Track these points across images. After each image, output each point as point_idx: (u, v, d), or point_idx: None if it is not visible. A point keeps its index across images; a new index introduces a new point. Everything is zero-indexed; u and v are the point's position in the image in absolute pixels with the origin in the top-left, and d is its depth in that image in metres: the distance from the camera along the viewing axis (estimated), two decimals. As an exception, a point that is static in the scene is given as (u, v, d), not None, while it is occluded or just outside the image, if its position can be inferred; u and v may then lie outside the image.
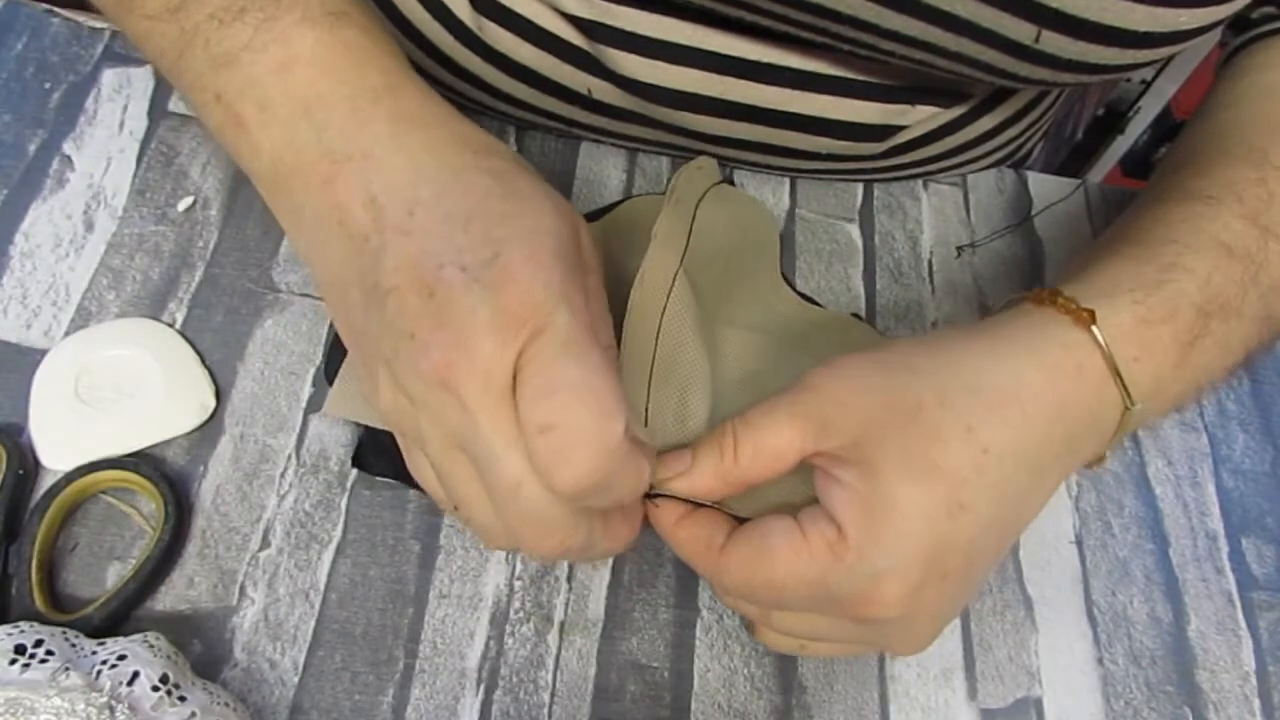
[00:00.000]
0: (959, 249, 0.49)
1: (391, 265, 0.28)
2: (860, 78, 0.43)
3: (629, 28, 0.41)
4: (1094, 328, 0.30)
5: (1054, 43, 0.34)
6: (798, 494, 0.32)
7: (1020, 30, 0.34)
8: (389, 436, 0.33)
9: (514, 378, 0.26)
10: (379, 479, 0.38)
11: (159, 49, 0.33)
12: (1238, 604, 0.41)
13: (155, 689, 0.30)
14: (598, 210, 0.45)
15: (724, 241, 0.42)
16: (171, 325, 0.40)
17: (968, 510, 0.28)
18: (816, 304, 0.45)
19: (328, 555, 0.37)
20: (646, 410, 0.33)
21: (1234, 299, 0.33)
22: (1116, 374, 0.31)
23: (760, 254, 0.45)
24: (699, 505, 0.32)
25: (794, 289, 0.45)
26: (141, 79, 0.47)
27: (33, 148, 0.44)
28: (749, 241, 0.44)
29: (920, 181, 0.51)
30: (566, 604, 0.37)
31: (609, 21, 0.41)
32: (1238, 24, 0.42)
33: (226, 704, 0.32)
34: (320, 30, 0.31)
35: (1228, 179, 0.35)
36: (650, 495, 0.31)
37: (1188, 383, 0.33)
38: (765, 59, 0.42)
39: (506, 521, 0.28)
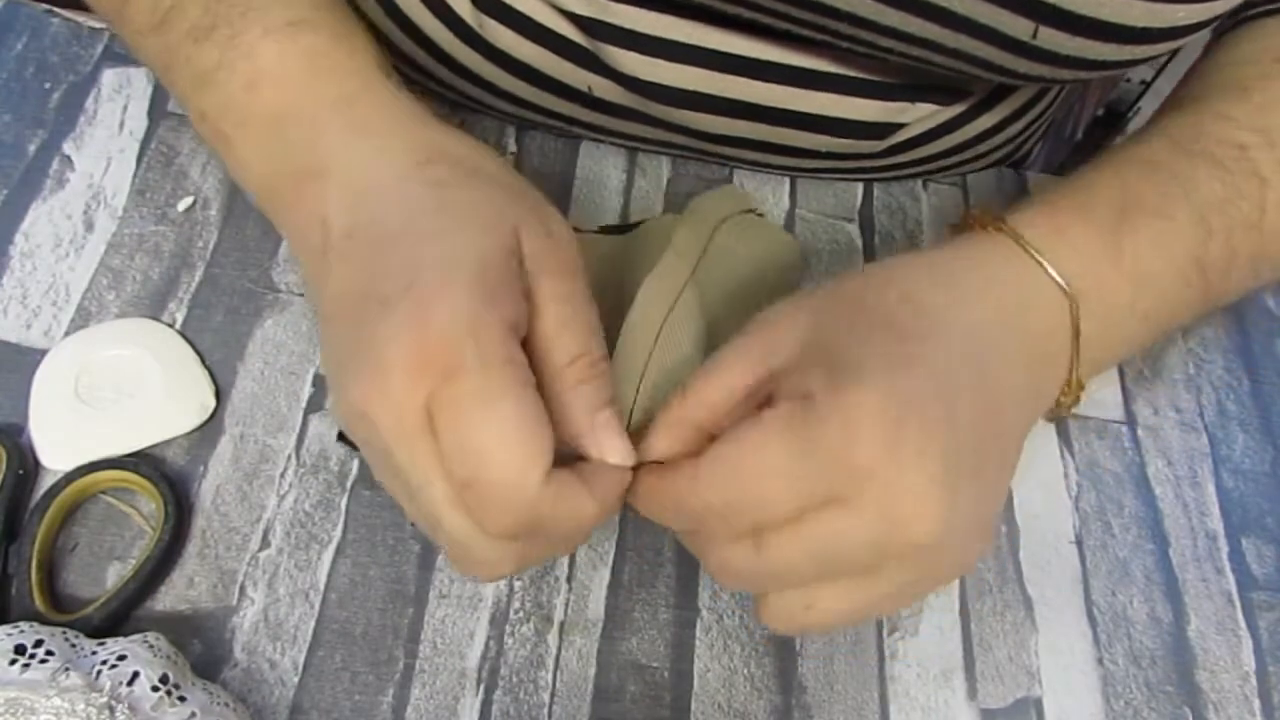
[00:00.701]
0: (959, 249, 0.49)
1: (331, 293, 0.29)
2: (860, 75, 0.43)
3: (629, 25, 0.41)
4: (1005, 227, 0.33)
5: (1052, 39, 0.34)
6: None
7: (1018, 26, 0.34)
8: None
9: (430, 417, 0.26)
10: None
11: (150, 62, 0.34)
12: (1238, 604, 0.41)
13: (155, 689, 0.30)
14: (620, 225, 0.45)
15: (742, 274, 0.42)
16: (171, 325, 0.40)
17: (916, 358, 0.28)
18: None
19: (328, 555, 0.37)
20: (631, 412, 0.33)
21: (1152, 200, 0.34)
22: (1036, 266, 0.32)
23: (777, 293, 0.44)
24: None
25: None
26: (141, 79, 0.47)
27: (33, 148, 0.44)
28: (766, 283, 0.43)
29: (920, 182, 0.51)
30: (566, 604, 0.37)
31: (609, 19, 0.41)
32: (1234, 15, 0.43)
33: (226, 704, 0.32)
34: (281, 43, 0.31)
35: (1160, 123, 0.38)
36: None
37: (1138, 284, 0.34)
38: (765, 57, 0.42)
39: (445, 548, 0.29)
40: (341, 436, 0.39)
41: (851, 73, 0.42)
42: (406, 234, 0.29)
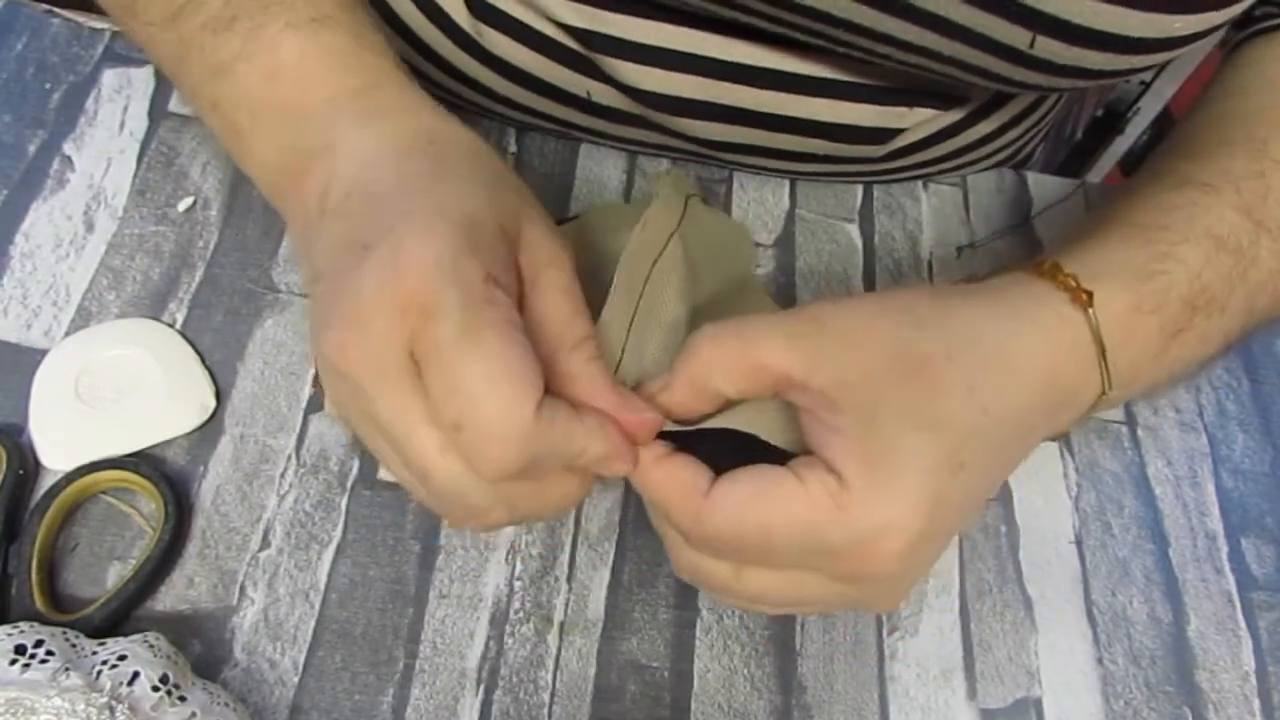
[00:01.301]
0: (959, 249, 0.49)
1: (322, 250, 0.28)
2: (857, 80, 0.43)
3: (624, 35, 0.41)
4: (1090, 310, 0.30)
5: (1049, 48, 0.34)
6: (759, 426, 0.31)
7: (1015, 36, 0.34)
8: None
9: (414, 361, 0.26)
10: (381, 480, 0.38)
11: (160, 55, 0.34)
12: (1237, 604, 0.41)
13: (155, 689, 0.30)
14: (559, 219, 0.45)
15: (713, 241, 0.42)
16: (171, 325, 0.40)
17: (966, 469, 0.28)
18: None
19: (328, 555, 0.37)
20: (623, 351, 0.33)
21: (1221, 294, 0.33)
22: (1103, 357, 0.31)
23: (736, 276, 0.45)
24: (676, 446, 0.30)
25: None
26: (141, 79, 0.47)
27: (33, 148, 0.44)
28: (731, 255, 0.44)
29: (920, 182, 0.52)
30: (566, 604, 0.37)
31: (604, 30, 0.41)
32: (1241, 21, 0.42)
33: (226, 704, 0.32)
34: (303, 37, 0.31)
35: (1225, 169, 0.35)
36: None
37: (1162, 371, 0.33)
38: (762, 63, 0.42)
39: (430, 497, 0.28)
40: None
41: (849, 78, 0.42)
42: (401, 191, 0.28)
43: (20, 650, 0.30)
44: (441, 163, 0.30)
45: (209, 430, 0.38)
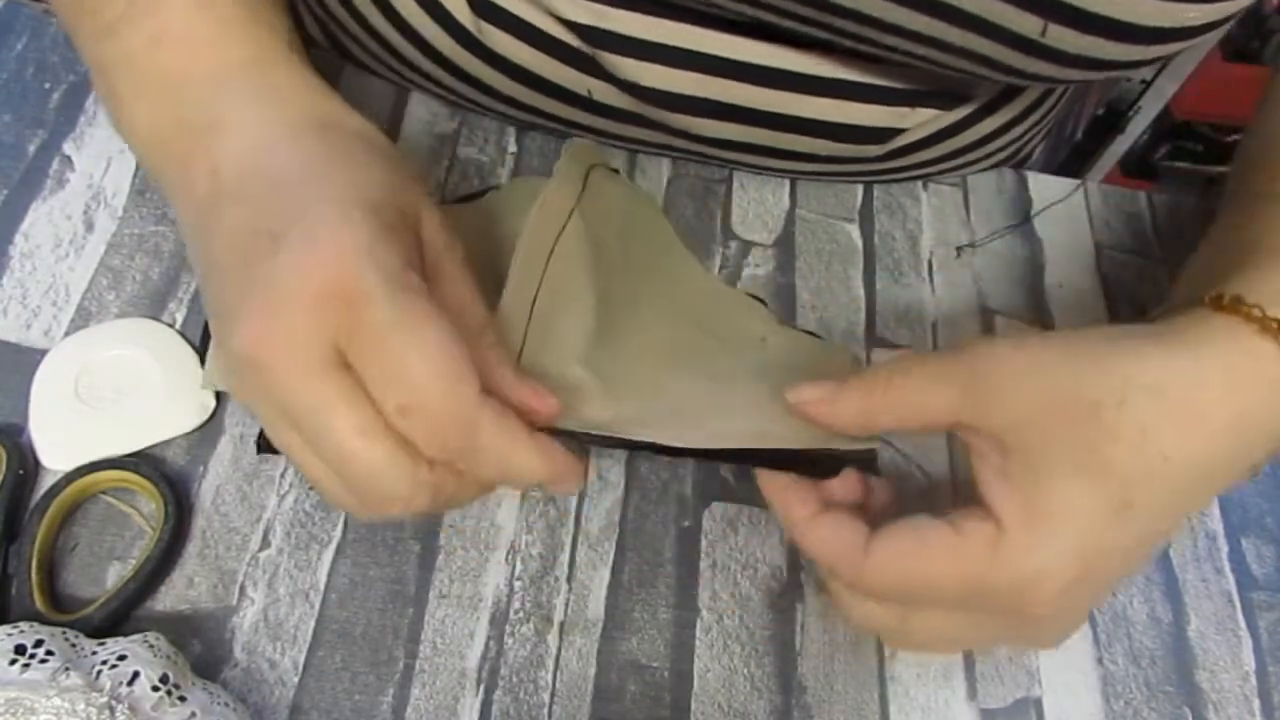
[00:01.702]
0: (959, 249, 0.49)
1: (221, 239, 0.28)
2: (861, 80, 0.43)
3: (627, 32, 0.41)
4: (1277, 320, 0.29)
5: (1061, 37, 0.34)
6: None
7: (1027, 24, 0.34)
8: None
9: (336, 350, 0.25)
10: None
11: (60, 16, 0.33)
12: (1237, 604, 0.41)
13: (155, 689, 0.30)
14: (469, 194, 0.45)
15: (620, 210, 0.42)
16: (171, 325, 0.40)
17: (1133, 511, 0.28)
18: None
19: (328, 555, 0.37)
20: (525, 336, 0.33)
21: None
22: None
23: (654, 242, 0.45)
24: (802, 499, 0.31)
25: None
26: (141, 79, 0.47)
27: (33, 148, 0.44)
28: (638, 235, 0.44)
29: (920, 182, 0.51)
30: (566, 604, 0.37)
31: (607, 26, 0.41)
32: None
33: (226, 704, 0.32)
34: (192, 3, 0.30)
35: None
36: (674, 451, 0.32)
37: None
38: (766, 61, 0.42)
39: (349, 492, 0.28)
40: (261, 446, 0.38)
41: (852, 77, 0.42)
42: (304, 177, 0.28)
43: (20, 650, 0.30)
44: (339, 148, 0.29)
45: (209, 430, 0.38)
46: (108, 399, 0.38)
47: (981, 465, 0.29)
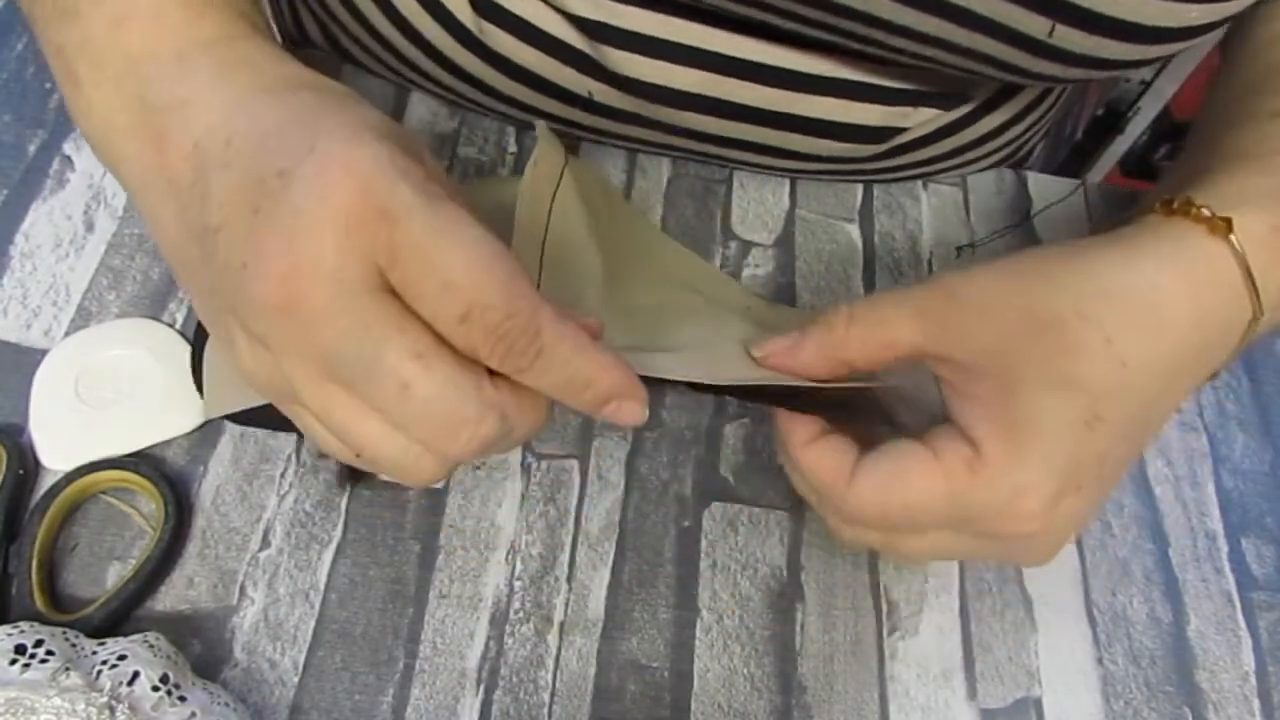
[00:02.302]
0: (959, 249, 0.49)
1: (216, 202, 0.26)
2: (862, 79, 0.43)
3: (633, 28, 0.41)
4: (1232, 236, 0.30)
5: (1067, 38, 0.34)
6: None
7: (1034, 25, 0.34)
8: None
9: (379, 271, 0.24)
10: (381, 480, 0.38)
11: None
12: (1237, 604, 0.41)
13: (155, 689, 0.30)
14: None
15: (596, 184, 0.43)
16: (171, 325, 0.40)
17: (1105, 422, 0.28)
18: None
19: (328, 555, 0.37)
20: (539, 282, 0.33)
21: None
22: (1252, 283, 0.30)
23: (627, 212, 0.45)
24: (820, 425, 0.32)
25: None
26: (141, 79, 0.47)
27: (33, 148, 0.44)
28: (614, 209, 0.44)
29: (920, 182, 0.52)
30: (566, 604, 0.37)
31: (613, 21, 0.41)
32: None
33: (226, 704, 0.32)
34: None
35: None
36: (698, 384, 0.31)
37: None
38: (768, 60, 0.42)
39: (412, 434, 0.26)
40: (238, 419, 0.37)
41: (854, 76, 0.42)
42: (297, 120, 0.26)
43: (20, 650, 0.30)
44: (327, 98, 0.28)
45: (209, 430, 0.38)
46: (108, 399, 0.38)
47: (952, 392, 0.30)
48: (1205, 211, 0.30)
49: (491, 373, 0.26)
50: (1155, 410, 0.31)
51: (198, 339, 0.38)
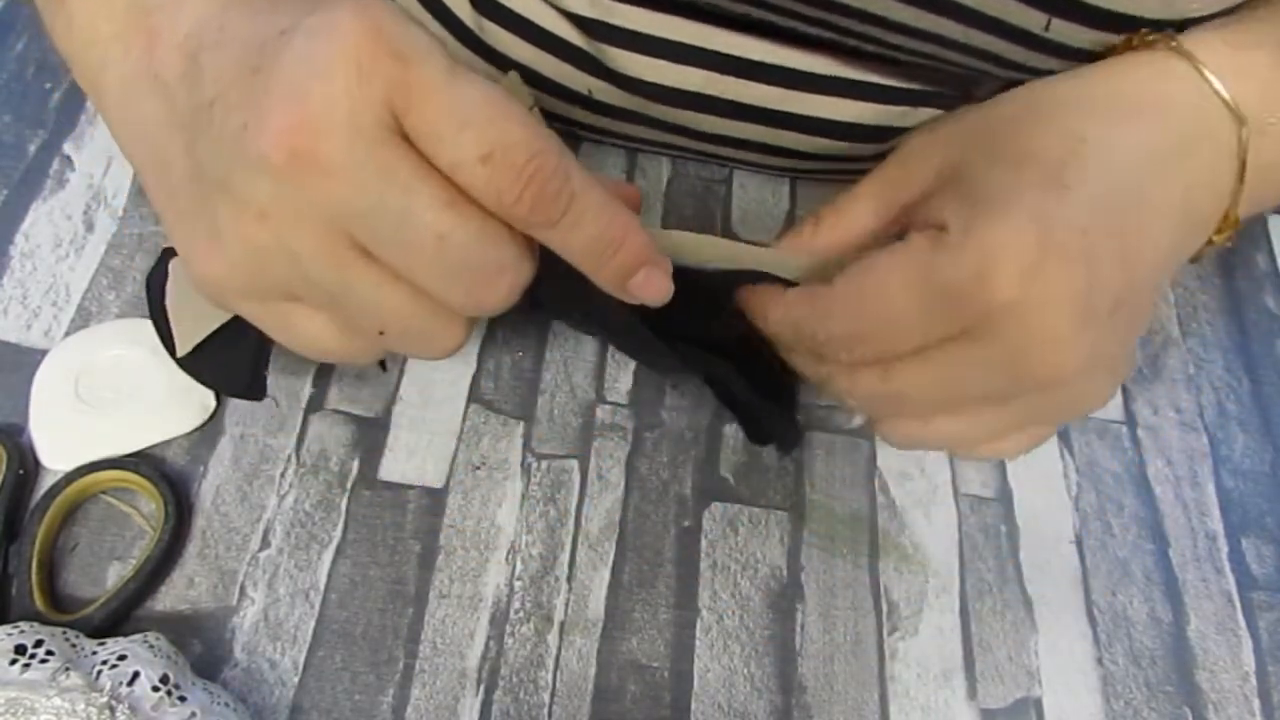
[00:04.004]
0: (959, 249, 0.49)
1: (211, 77, 0.24)
2: (862, 78, 0.43)
3: (632, 26, 0.41)
4: (1188, 52, 0.30)
5: (1064, 31, 0.34)
6: None
7: (1030, 19, 0.34)
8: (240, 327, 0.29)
9: (393, 115, 0.22)
10: (381, 480, 0.38)
11: None
12: (1237, 604, 0.41)
13: (155, 689, 0.30)
14: None
15: None
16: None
17: (1071, 189, 0.27)
18: None
19: (328, 555, 0.37)
20: None
21: None
22: (1211, 89, 0.29)
23: None
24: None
25: None
26: (141, 79, 0.47)
27: (33, 148, 0.44)
28: None
29: (920, 181, 0.51)
30: (566, 604, 0.37)
31: (612, 20, 0.41)
32: None
33: (226, 704, 0.32)
34: None
35: None
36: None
37: None
38: (768, 59, 0.42)
39: (448, 290, 0.24)
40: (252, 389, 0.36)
41: (853, 75, 0.42)
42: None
43: (20, 650, 0.30)
44: None
45: (209, 430, 0.38)
46: (108, 399, 0.38)
47: (914, 216, 0.29)
48: (1148, 37, 0.30)
49: None
50: (1140, 197, 0.28)
51: (153, 284, 0.37)
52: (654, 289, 0.26)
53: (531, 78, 0.44)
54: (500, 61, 0.43)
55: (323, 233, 0.23)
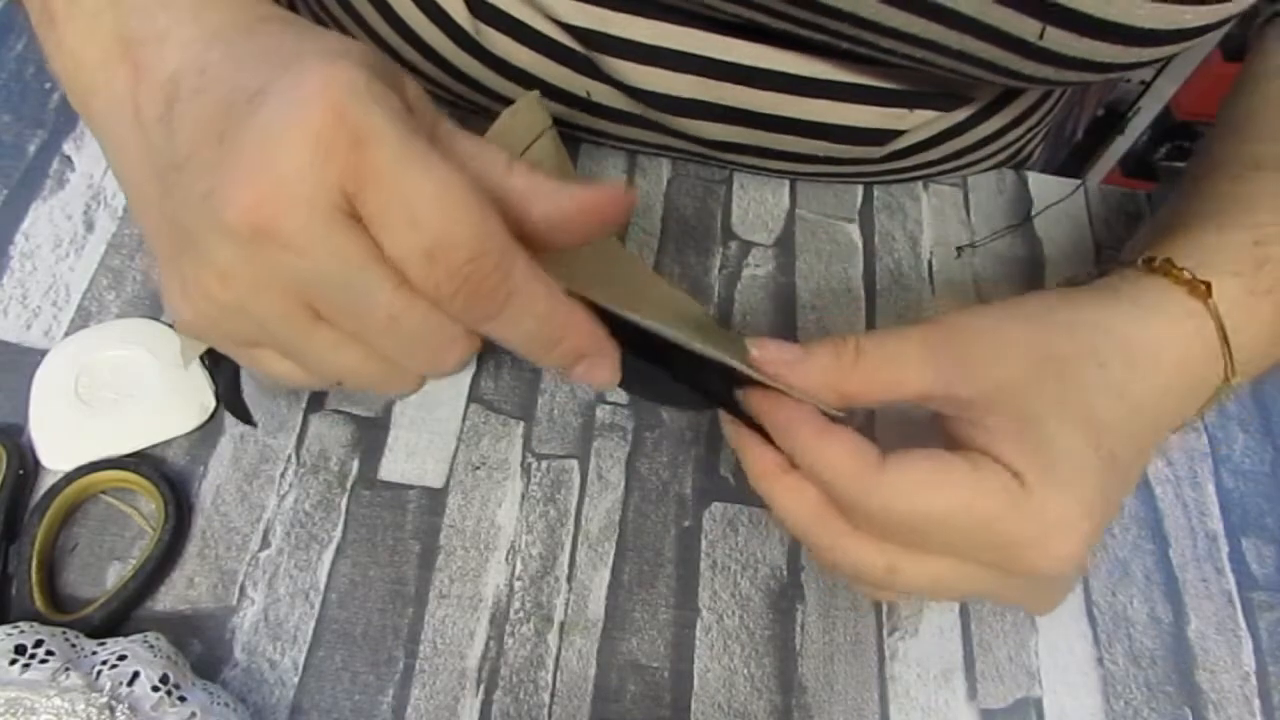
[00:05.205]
0: (959, 249, 0.49)
1: (184, 136, 0.25)
2: (859, 81, 0.43)
3: (626, 35, 0.41)
4: (1210, 300, 0.31)
5: (1058, 40, 0.34)
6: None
7: (1024, 27, 0.34)
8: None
9: (346, 198, 0.23)
10: (380, 480, 0.38)
11: None
12: (1238, 604, 0.41)
13: (155, 689, 0.30)
14: None
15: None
16: (171, 325, 0.40)
17: (1117, 460, 0.28)
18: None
19: (328, 555, 0.37)
20: None
21: None
22: (1226, 344, 0.31)
23: None
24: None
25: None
26: (141, 79, 0.47)
27: (33, 148, 0.44)
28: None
29: (920, 182, 0.51)
30: (566, 604, 0.37)
31: (605, 29, 0.41)
32: (1251, 13, 0.42)
33: (226, 704, 0.32)
34: None
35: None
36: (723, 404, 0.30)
37: (1278, 355, 0.33)
38: (763, 64, 0.42)
39: (401, 357, 0.25)
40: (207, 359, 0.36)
41: (850, 79, 0.42)
42: (273, 49, 0.25)
43: (20, 650, 0.30)
44: (306, 28, 0.27)
45: (209, 430, 0.38)
46: (108, 399, 0.38)
47: (964, 427, 0.29)
48: (1186, 274, 0.32)
49: None
50: (1143, 450, 0.31)
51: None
52: (599, 376, 0.27)
53: (529, 81, 0.44)
54: (497, 65, 0.43)
55: (280, 298, 0.24)
